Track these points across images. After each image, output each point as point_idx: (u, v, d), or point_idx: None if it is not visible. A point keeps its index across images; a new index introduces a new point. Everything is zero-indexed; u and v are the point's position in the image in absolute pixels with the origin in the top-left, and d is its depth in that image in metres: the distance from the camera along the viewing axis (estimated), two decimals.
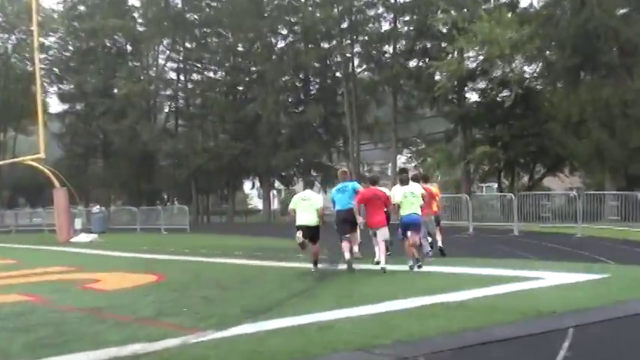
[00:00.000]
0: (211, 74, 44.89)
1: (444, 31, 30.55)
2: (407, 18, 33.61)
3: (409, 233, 10.99)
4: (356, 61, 37.01)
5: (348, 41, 36.00)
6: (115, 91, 43.80)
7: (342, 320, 6.67)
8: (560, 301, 7.40)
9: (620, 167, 25.21)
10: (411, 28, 33.22)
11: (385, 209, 11.50)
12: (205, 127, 43.69)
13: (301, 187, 16.56)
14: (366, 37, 35.57)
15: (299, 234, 11.26)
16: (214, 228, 35.09)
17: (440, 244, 13.39)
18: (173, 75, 45.85)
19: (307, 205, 11.51)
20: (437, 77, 29.30)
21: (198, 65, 44.79)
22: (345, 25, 35.42)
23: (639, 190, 21.75)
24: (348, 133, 37.02)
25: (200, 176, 42.36)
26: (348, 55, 36.46)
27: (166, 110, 46.94)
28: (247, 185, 50.36)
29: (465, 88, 31.17)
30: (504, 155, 28.43)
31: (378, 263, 11.08)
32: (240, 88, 43.04)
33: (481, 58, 28.18)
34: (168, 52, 44.75)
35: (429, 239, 12.96)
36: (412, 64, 33.87)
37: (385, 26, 34.89)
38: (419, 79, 31.76)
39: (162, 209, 34.00)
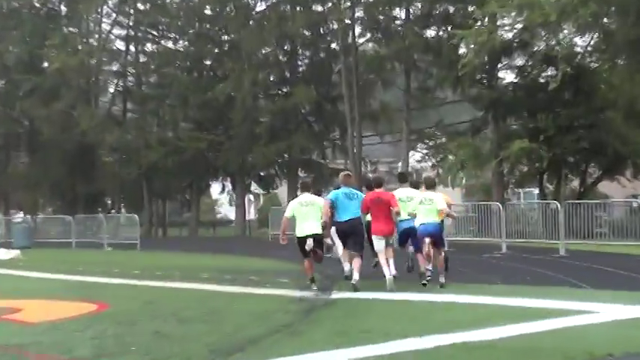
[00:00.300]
0: (170, 44, 44.87)
1: None
2: None
3: (427, 240, 11.94)
4: (357, 30, 37.02)
5: (348, 3, 36.02)
6: (45, 64, 43.65)
7: None
8: (619, 341, 7.41)
9: None
10: None
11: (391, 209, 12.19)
12: (162, 112, 43.61)
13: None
14: None
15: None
16: (172, 243, 35.03)
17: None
18: (121, 45, 45.79)
19: (309, 212, 11.74)
20: (461, 51, 29.29)
21: (154, 33, 44.75)
22: None
23: None
24: (346, 123, 37.01)
25: (155, 176, 42.28)
26: (348, 21, 36.43)
27: (112, 91, 46.84)
28: (216, 188, 50.32)
29: (499, 66, 31.25)
30: (548, 153, 28.45)
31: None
32: (208, 63, 43.07)
33: (519, 26, 28.22)
34: (114, 15, 44.65)
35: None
36: (430, 33, 33.98)
37: None
38: (438, 54, 31.78)
39: (106, 218, 33.94)
